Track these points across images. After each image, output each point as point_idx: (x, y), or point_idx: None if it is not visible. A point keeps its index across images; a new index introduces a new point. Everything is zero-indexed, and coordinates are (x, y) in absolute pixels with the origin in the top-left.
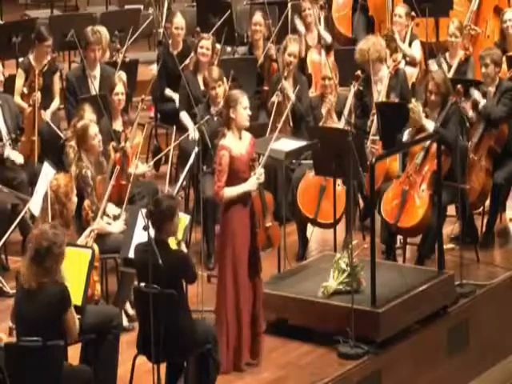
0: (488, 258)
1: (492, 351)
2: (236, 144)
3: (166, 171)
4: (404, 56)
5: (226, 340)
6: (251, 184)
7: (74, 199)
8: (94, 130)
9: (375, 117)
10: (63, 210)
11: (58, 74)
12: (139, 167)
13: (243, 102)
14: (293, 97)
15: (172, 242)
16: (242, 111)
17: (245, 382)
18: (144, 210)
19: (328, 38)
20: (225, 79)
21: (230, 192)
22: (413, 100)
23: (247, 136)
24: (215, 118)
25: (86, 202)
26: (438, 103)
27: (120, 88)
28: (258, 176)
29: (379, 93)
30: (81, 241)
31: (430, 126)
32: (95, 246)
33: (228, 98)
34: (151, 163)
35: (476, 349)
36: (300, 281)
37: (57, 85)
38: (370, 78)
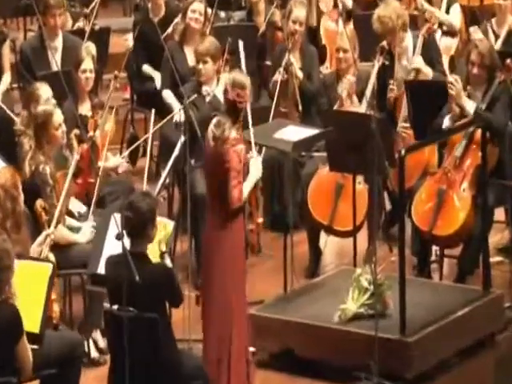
0: None
1: None
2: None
3: (144, 166)
4: (440, 24)
5: (228, 380)
6: (258, 167)
7: (22, 195)
8: (58, 118)
9: (404, 99)
10: (15, 207)
11: (7, 43)
12: (110, 160)
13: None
14: (300, 74)
15: (153, 253)
16: None
17: None
18: (117, 215)
19: (348, 0)
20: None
21: (246, 191)
22: (453, 75)
23: None
24: (207, 100)
25: (38, 202)
26: (481, 79)
27: (88, 64)
28: (256, 157)
29: (409, 72)
30: (33, 248)
31: (470, 106)
32: (51, 256)
33: (243, 79)
34: (125, 154)
35: None
36: (311, 302)
37: (6, 57)
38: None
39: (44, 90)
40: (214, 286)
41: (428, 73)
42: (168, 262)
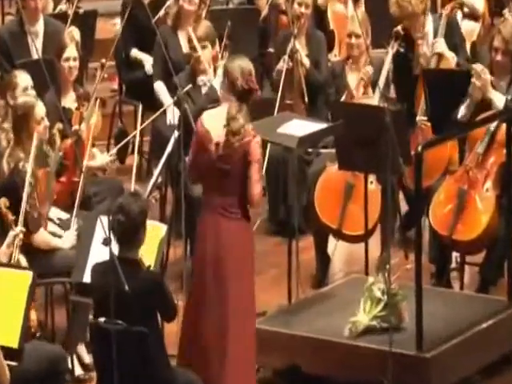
0: None
1: None
2: None
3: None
4: (461, 6)
5: None
6: None
7: None
8: (40, 111)
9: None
10: None
11: None
12: (97, 157)
13: None
14: (307, 62)
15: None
16: None
17: None
18: (104, 218)
19: None
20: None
21: None
22: (477, 64)
23: None
24: (202, 91)
25: (2, 201)
26: (506, 67)
27: (72, 51)
28: None
29: (429, 59)
30: (3, 251)
31: (498, 100)
32: (22, 259)
33: (249, 65)
34: (113, 151)
35: None
36: (318, 315)
37: None
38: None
39: (22, 79)
40: (221, 291)
41: (451, 58)
42: None
